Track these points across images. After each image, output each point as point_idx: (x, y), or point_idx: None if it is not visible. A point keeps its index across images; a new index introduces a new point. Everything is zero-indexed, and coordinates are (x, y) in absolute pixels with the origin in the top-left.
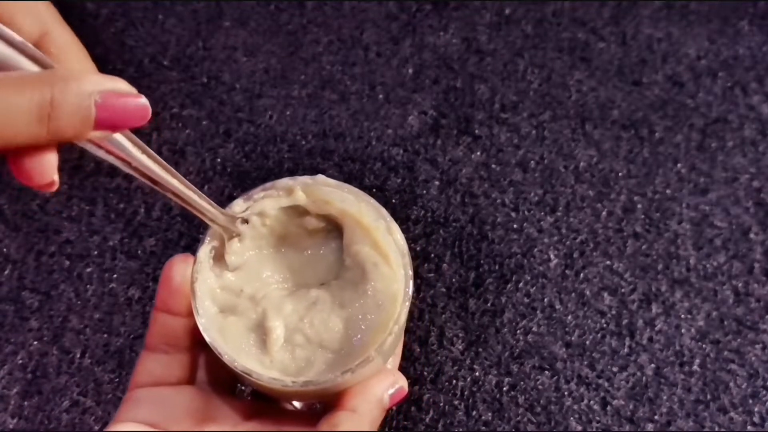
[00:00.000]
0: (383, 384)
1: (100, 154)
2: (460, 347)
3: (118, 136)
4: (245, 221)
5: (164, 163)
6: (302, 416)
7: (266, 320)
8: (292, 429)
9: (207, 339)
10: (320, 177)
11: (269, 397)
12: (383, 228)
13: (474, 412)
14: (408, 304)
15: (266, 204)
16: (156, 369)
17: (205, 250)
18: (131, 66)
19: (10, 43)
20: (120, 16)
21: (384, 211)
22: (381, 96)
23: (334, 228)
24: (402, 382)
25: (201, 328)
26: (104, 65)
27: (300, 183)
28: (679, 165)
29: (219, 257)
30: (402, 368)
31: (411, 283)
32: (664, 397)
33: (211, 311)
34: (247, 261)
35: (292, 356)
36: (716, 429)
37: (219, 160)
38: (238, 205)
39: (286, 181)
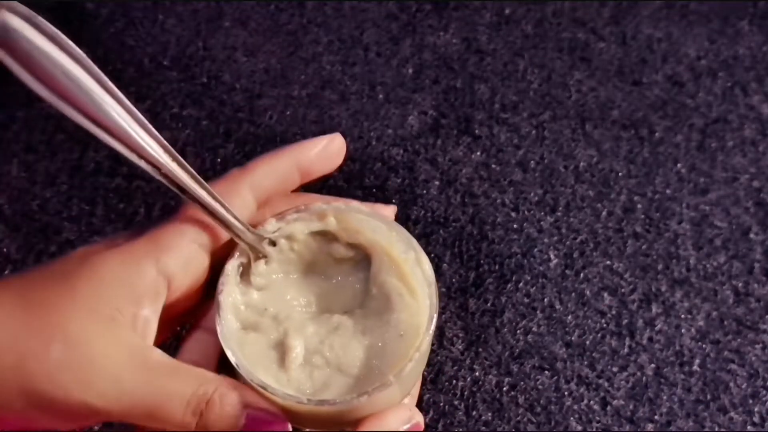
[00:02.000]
0: (399, 417)
1: (132, 157)
2: (460, 347)
3: (149, 139)
4: (273, 243)
5: (194, 172)
6: None
7: (287, 338)
8: None
9: (226, 350)
10: (354, 203)
11: None
12: (412, 259)
13: (474, 412)
14: (432, 333)
15: (296, 227)
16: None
17: (233, 264)
18: (131, 66)
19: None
20: (120, 16)
21: (414, 242)
22: (381, 96)
23: (362, 258)
24: (418, 418)
25: (221, 339)
26: (104, 65)
27: (333, 209)
28: (679, 165)
29: (246, 274)
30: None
31: (435, 314)
32: (664, 397)
33: (233, 326)
34: (273, 282)
35: (310, 377)
36: (716, 429)
37: (219, 160)
38: (271, 224)
39: (319, 206)
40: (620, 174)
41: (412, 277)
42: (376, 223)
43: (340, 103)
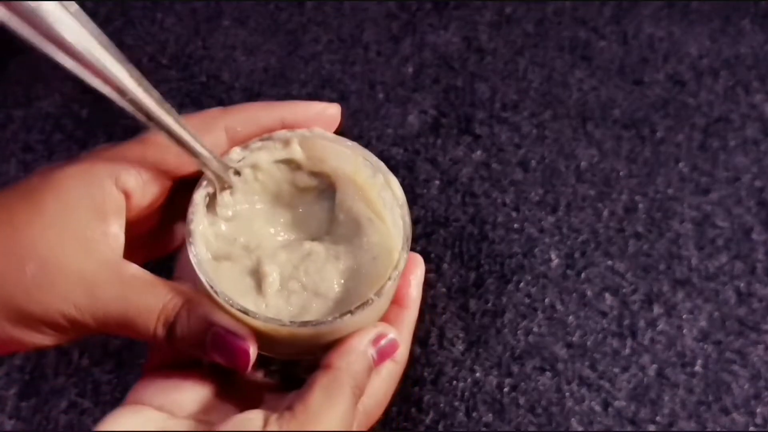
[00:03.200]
0: (365, 336)
1: (95, 83)
2: (461, 348)
3: (113, 64)
4: (237, 173)
5: (161, 98)
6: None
7: (261, 265)
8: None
9: (201, 277)
10: (318, 130)
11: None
12: (380, 183)
13: (475, 414)
14: (407, 253)
15: (261, 156)
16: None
17: (201, 194)
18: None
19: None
20: (119, 14)
21: (382, 165)
22: (381, 95)
23: (326, 187)
24: (391, 333)
25: (195, 267)
26: None
27: (298, 135)
28: (680, 164)
29: (213, 204)
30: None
31: (410, 232)
32: (666, 398)
33: (204, 256)
34: (240, 213)
35: (288, 302)
36: (718, 430)
37: None
38: (236, 153)
39: (284, 133)
40: (621, 173)
41: (380, 202)
42: (341, 149)
43: (340, 102)
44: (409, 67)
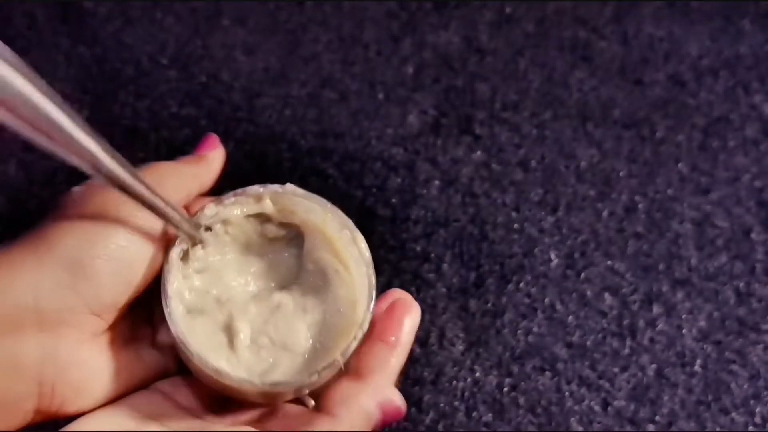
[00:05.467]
0: (374, 396)
1: (71, 159)
2: (461, 348)
3: (87, 141)
4: (209, 229)
5: (132, 168)
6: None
7: (233, 321)
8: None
9: (177, 338)
10: (290, 186)
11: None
12: (347, 238)
13: (475, 413)
14: (372, 311)
15: (233, 211)
16: None
17: (176, 251)
18: (129, 65)
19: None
20: (118, 14)
21: (350, 222)
22: (381, 95)
23: (294, 236)
24: (397, 399)
25: (171, 326)
26: (102, 64)
27: (270, 191)
28: (680, 164)
29: (186, 259)
30: (402, 368)
31: (374, 292)
32: (666, 398)
33: (179, 312)
34: (211, 265)
35: (258, 357)
36: (717, 430)
37: None
38: (210, 209)
39: (256, 189)
40: (621, 174)
41: (347, 254)
42: (311, 205)
43: (340, 102)
44: (409, 67)
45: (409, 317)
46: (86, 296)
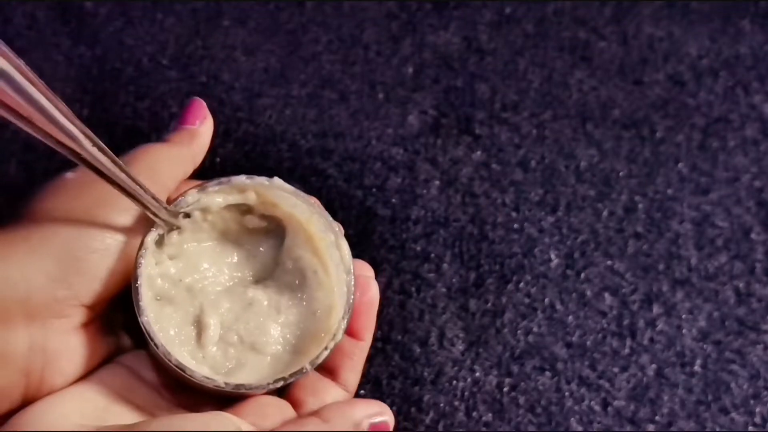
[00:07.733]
0: (366, 410)
1: (49, 141)
2: (461, 348)
3: (68, 124)
4: (187, 215)
5: (111, 153)
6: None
7: (203, 315)
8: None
9: (144, 327)
10: (277, 180)
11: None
12: (330, 241)
13: (474, 413)
14: (346, 322)
15: (214, 200)
16: None
17: (152, 236)
18: (130, 65)
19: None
20: (118, 15)
21: (336, 226)
22: (381, 95)
23: (275, 228)
24: (388, 416)
25: (138, 313)
26: (103, 65)
27: (256, 184)
28: (680, 165)
29: (161, 244)
30: (402, 369)
31: (352, 301)
32: (666, 398)
33: (148, 298)
34: (186, 251)
35: (224, 355)
36: (717, 430)
37: (218, 159)
38: (191, 196)
39: (242, 180)
40: (621, 174)
41: (328, 256)
42: (297, 201)
43: (340, 102)
44: (409, 67)
45: (365, 302)
46: (79, 290)
